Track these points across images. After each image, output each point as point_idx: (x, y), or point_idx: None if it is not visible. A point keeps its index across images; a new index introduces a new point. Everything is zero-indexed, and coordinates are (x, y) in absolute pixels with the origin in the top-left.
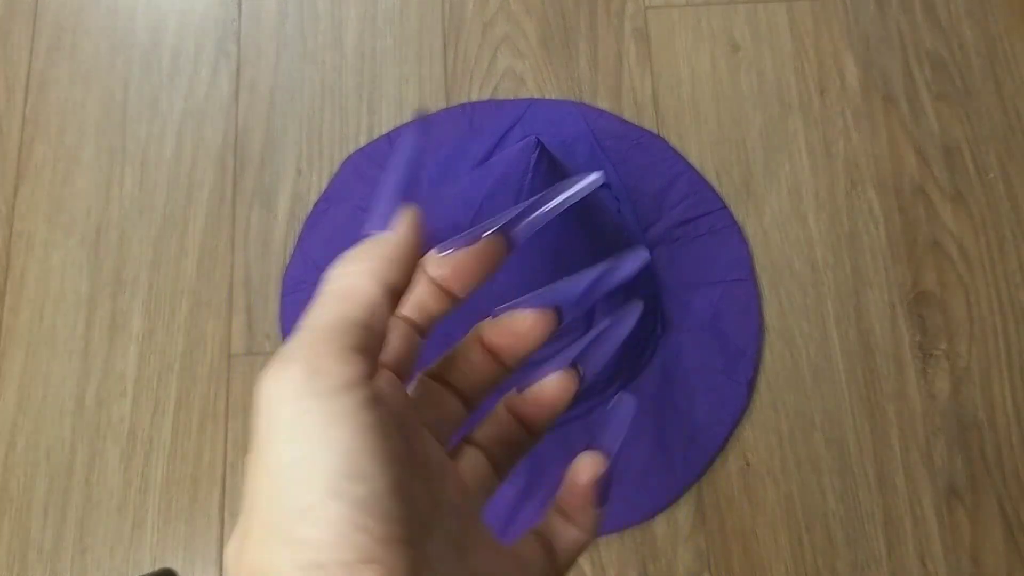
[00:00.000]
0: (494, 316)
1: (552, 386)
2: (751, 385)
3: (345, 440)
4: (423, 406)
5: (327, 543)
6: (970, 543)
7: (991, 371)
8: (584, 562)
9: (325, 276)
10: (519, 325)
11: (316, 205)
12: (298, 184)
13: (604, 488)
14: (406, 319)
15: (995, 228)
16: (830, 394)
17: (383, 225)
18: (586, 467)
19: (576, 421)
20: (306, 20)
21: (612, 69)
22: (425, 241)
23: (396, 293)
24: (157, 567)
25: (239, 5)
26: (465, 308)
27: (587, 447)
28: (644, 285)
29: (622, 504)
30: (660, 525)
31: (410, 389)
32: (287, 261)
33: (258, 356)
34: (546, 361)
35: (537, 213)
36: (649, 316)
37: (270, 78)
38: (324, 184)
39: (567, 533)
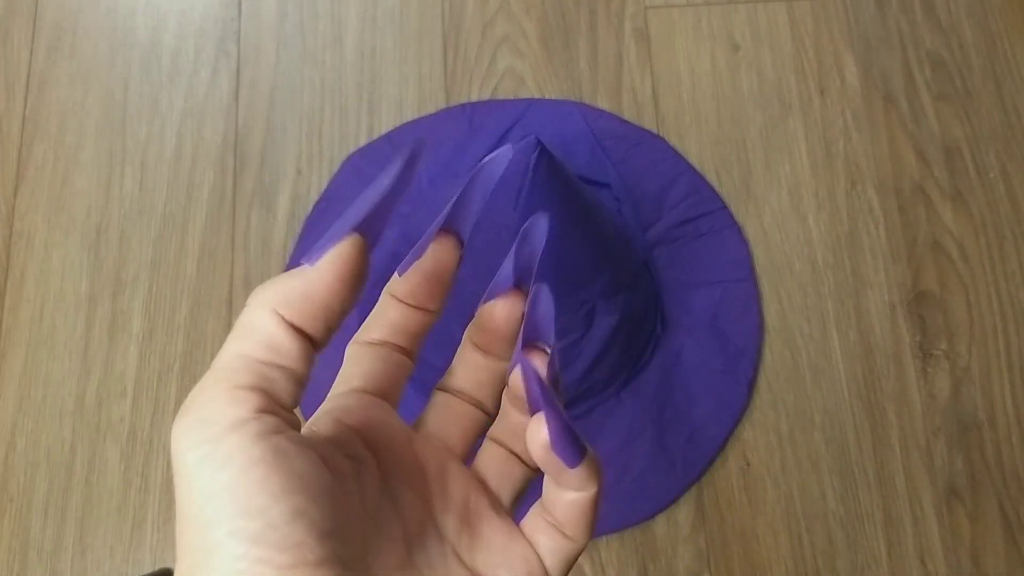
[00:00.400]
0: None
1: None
2: (751, 385)
3: (234, 479)
4: (440, 420)
5: None
6: (970, 543)
7: (991, 371)
8: (584, 562)
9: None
10: (491, 314)
11: (316, 205)
12: (298, 184)
13: (564, 444)
14: (385, 344)
15: (995, 228)
16: (830, 394)
17: (314, 259)
18: (535, 433)
19: (576, 421)
20: (306, 20)
21: (612, 69)
22: (359, 275)
23: (306, 334)
24: (157, 567)
25: (239, 5)
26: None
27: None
28: (644, 285)
29: (622, 504)
30: (660, 525)
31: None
32: (287, 261)
33: None
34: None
35: (470, 204)
36: (649, 316)
37: (270, 78)
38: (324, 184)
39: (560, 494)
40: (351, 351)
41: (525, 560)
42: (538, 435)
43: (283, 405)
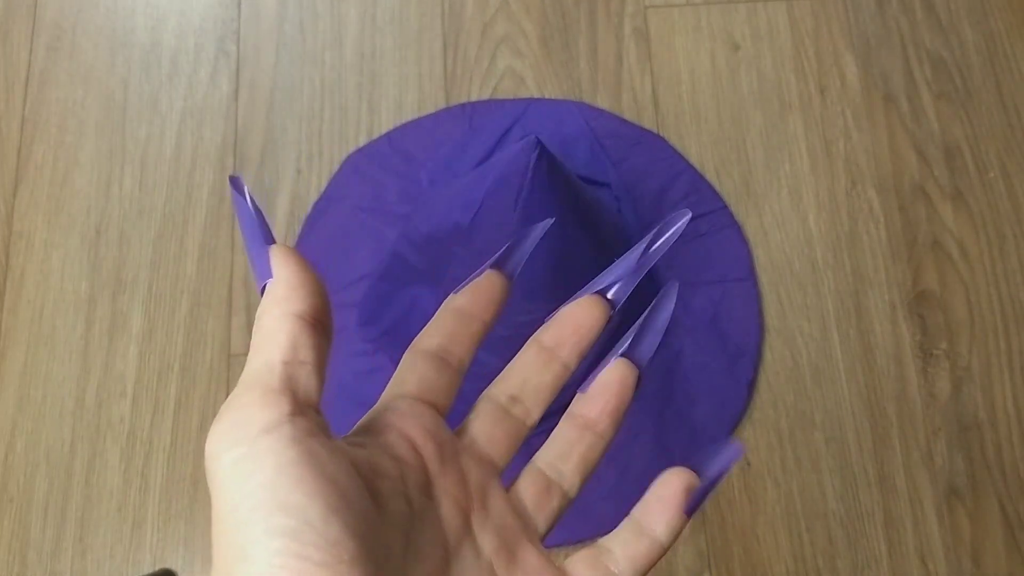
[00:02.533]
0: (548, 319)
1: (612, 377)
2: (751, 385)
3: (270, 477)
4: (484, 431)
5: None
6: (970, 543)
7: (991, 370)
8: None
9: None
10: (571, 316)
11: (315, 205)
12: (298, 184)
13: (696, 499)
14: (440, 350)
15: (995, 227)
16: (830, 394)
17: (268, 273)
18: (679, 477)
19: None
20: (306, 20)
21: (612, 68)
22: (307, 262)
23: (313, 319)
24: (157, 567)
25: (239, 5)
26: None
27: (685, 464)
28: (644, 285)
29: (622, 504)
30: None
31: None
32: None
33: None
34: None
35: (526, 241)
36: None
37: (270, 78)
38: (324, 184)
39: (636, 544)
40: (407, 358)
41: None
42: (681, 479)
43: (311, 404)
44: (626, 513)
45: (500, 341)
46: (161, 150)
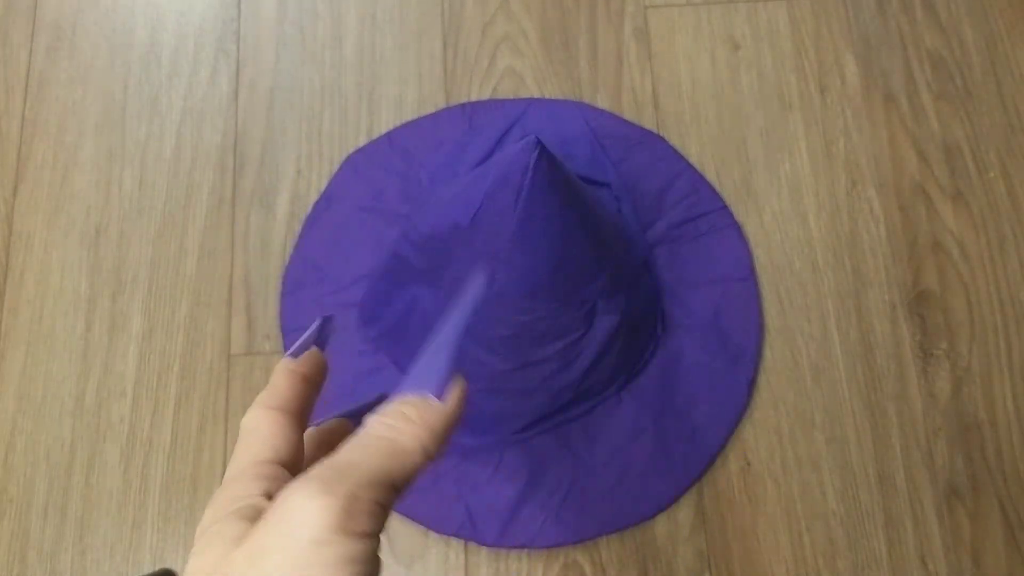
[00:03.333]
0: (317, 425)
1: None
2: (751, 385)
3: (340, 559)
4: None
5: None
6: (971, 543)
7: (992, 371)
8: (584, 562)
9: (380, 417)
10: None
11: (315, 204)
12: (298, 184)
13: None
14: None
15: (996, 227)
16: (830, 394)
17: (437, 388)
18: None
19: (576, 421)
20: (306, 20)
21: (612, 68)
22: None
23: (432, 457)
24: (157, 567)
25: (238, 5)
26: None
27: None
28: (644, 285)
29: (622, 504)
30: (660, 525)
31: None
32: (286, 261)
33: (258, 356)
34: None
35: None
36: (649, 316)
37: (270, 78)
38: (324, 184)
39: None
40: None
41: None
42: None
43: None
44: (625, 513)
45: (501, 340)
46: (161, 150)
